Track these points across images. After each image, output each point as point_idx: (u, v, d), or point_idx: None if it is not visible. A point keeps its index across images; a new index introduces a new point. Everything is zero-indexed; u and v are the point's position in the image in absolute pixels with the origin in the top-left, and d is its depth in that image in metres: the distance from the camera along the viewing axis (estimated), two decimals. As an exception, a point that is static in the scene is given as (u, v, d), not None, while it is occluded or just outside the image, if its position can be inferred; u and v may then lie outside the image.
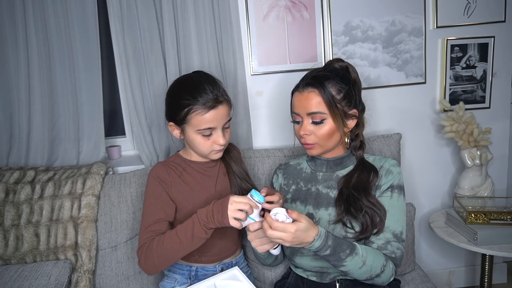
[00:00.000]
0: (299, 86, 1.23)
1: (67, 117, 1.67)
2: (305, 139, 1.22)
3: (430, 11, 1.85)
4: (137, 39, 1.61)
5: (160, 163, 1.33)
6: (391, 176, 1.22)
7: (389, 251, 1.16)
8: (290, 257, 1.30)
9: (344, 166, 1.28)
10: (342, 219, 1.19)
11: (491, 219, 1.62)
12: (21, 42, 1.56)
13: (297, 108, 1.23)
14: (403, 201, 1.22)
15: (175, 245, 1.14)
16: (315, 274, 1.26)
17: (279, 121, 1.85)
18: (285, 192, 1.35)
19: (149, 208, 1.25)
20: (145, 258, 1.18)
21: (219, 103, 1.21)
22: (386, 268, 1.13)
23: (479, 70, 1.92)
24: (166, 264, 1.20)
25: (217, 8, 1.64)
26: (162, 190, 1.27)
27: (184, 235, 1.13)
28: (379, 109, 1.89)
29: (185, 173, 1.32)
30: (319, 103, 1.18)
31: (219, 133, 1.23)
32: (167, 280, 1.37)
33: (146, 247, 1.18)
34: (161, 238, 1.17)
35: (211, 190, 1.33)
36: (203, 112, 1.19)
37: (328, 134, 1.20)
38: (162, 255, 1.15)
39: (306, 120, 1.21)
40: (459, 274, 2.14)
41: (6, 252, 1.41)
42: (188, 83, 1.25)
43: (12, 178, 1.50)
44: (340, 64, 1.28)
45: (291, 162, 1.40)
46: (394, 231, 1.17)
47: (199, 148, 1.26)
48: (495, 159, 1.94)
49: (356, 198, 1.18)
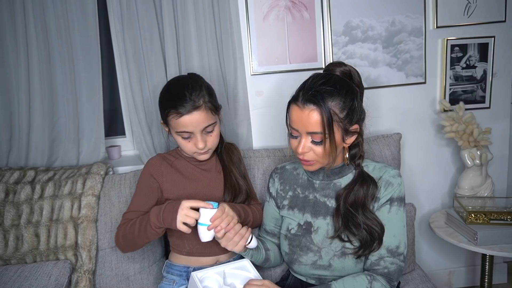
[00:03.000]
0: (298, 100, 1.11)
1: (67, 117, 1.67)
2: (303, 156, 1.16)
3: (430, 11, 1.84)
4: (137, 39, 1.61)
5: (157, 155, 1.40)
6: (391, 188, 1.16)
7: (381, 267, 1.14)
8: (289, 265, 1.30)
9: (342, 175, 1.23)
10: (340, 235, 1.17)
11: (491, 219, 1.62)
12: (21, 42, 1.55)
13: (296, 124, 1.13)
14: (403, 213, 1.17)
15: (134, 234, 1.25)
16: (314, 279, 1.26)
17: (279, 121, 1.83)
18: (282, 198, 1.31)
19: (134, 197, 1.35)
20: (116, 238, 1.31)
21: (195, 109, 1.23)
22: (374, 287, 1.12)
23: (479, 70, 1.92)
24: (132, 247, 1.32)
25: (217, 8, 1.64)
26: (148, 184, 1.32)
27: (138, 229, 1.24)
28: (379, 109, 1.89)
29: (180, 164, 1.36)
30: (320, 123, 1.08)
31: (197, 137, 1.26)
32: (165, 282, 1.37)
33: (117, 231, 1.30)
34: (127, 225, 1.27)
35: (205, 182, 1.35)
36: (178, 116, 1.23)
37: (324, 154, 1.13)
38: (125, 239, 1.28)
39: (305, 138, 1.13)
40: (459, 274, 2.14)
41: (6, 252, 1.41)
42: (173, 86, 1.30)
43: (12, 178, 1.50)
44: (342, 70, 1.17)
45: (288, 166, 1.36)
46: (388, 246, 1.14)
47: (183, 148, 1.32)
48: (495, 159, 1.94)
49: (354, 215, 1.15)
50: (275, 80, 1.82)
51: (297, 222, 1.25)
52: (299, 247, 1.23)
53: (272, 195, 1.35)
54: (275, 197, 1.34)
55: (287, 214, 1.28)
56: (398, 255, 1.15)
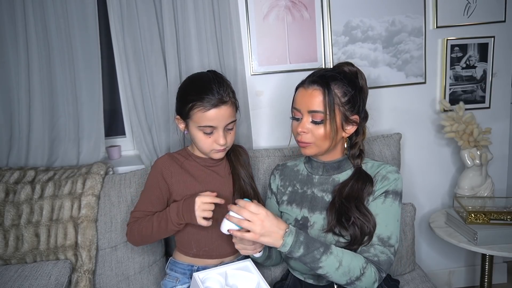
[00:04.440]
0: (305, 82, 1.20)
1: (67, 117, 1.67)
2: (301, 137, 1.19)
3: (430, 11, 1.85)
4: (137, 39, 1.61)
5: (167, 154, 1.38)
6: (387, 181, 1.18)
7: (371, 254, 1.13)
8: (286, 260, 1.30)
9: (341, 171, 1.25)
10: (333, 229, 1.17)
11: (491, 219, 1.62)
12: (21, 42, 1.56)
13: (299, 103, 1.19)
14: (398, 207, 1.18)
15: (153, 231, 1.27)
16: (312, 277, 1.26)
17: (279, 121, 1.85)
18: (282, 194, 1.33)
19: (142, 196, 1.35)
20: (130, 234, 1.33)
21: (223, 103, 1.22)
22: (367, 271, 1.09)
23: (479, 70, 1.92)
24: (148, 241, 1.37)
25: (217, 8, 1.64)
26: (157, 185, 1.31)
27: (158, 226, 1.26)
28: (379, 109, 1.89)
29: (190, 165, 1.34)
30: (322, 102, 1.15)
31: (220, 132, 1.24)
32: (168, 279, 1.37)
33: (131, 227, 1.32)
34: (142, 221, 1.29)
35: (214, 184, 1.34)
36: (205, 109, 1.21)
37: (326, 135, 1.17)
38: (141, 235, 1.30)
39: (306, 117, 1.18)
40: (459, 274, 2.14)
41: (6, 252, 1.41)
42: (197, 80, 1.28)
43: (12, 178, 1.50)
44: (349, 68, 1.23)
45: (289, 163, 1.38)
46: (380, 235, 1.14)
47: (200, 144, 1.28)
48: (495, 159, 1.94)
49: (347, 208, 1.16)
50: (275, 80, 1.82)
51: (294, 217, 1.26)
52: None
53: (273, 191, 1.36)
54: (275, 193, 1.35)
55: (286, 210, 1.29)
56: (389, 246, 1.14)
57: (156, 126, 1.68)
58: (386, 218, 1.16)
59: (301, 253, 1.06)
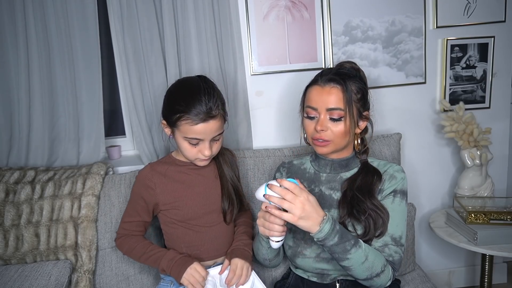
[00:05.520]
0: (319, 81, 1.20)
1: (67, 117, 1.67)
2: (320, 135, 1.18)
3: (430, 11, 1.85)
4: (137, 39, 1.61)
5: (148, 166, 1.36)
6: (395, 181, 1.21)
7: (387, 254, 1.15)
8: (292, 259, 1.29)
9: (349, 169, 1.27)
10: (344, 222, 1.18)
11: (491, 219, 1.62)
12: (21, 42, 1.56)
13: (315, 102, 1.18)
14: (405, 206, 1.21)
15: (138, 258, 1.32)
16: (315, 275, 1.26)
17: (279, 121, 1.85)
18: None
19: (128, 206, 1.37)
20: (119, 247, 1.36)
21: (211, 118, 1.20)
22: (386, 269, 1.12)
23: (479, 70, 1.92)
24: (133, 259, 1.38)
25: (217, 8, 1.64)
26: (141, 196, 1.32)
27: (146, 259, 1.30)
28: (379, 109, 1.88)
29: (175, 171, 1.33)
30: (341, 99, 1.16)
31: (206, 144, 1.23)
32: (163, 283, 1.36)
33: (122, 240, 1.34)
34: (135, 244, 1.32)
35: (202, 187, 1.34)
36: (193, 123, 1.19)
37: (344, 132, 1.18)
38: (130, 254, 1.34)
39: (324, 115, 1.18)
40: (459, 274, 2.14)
41: (6, 252, 1.41)
42: (187, 88, 1.24)
43: (12, 178, 1.50)
44: (352, 66, 1.26)
45: (295, 161, 1.38)
46: (392, 234, 1.16)
47: (185, 153, 1.28)
48: (495, 159, 1.94)
49: (361, 200, 1.17)
50: (275, 80, 1.82)
51: None
52: (303, 240, 1.24)
53: None
54: None
55: None
56: (400, 245, 1.17)
57: (156, 126, 1.68)
58: (396, 217, 1.18)
59: (334, 242, 1.06)
